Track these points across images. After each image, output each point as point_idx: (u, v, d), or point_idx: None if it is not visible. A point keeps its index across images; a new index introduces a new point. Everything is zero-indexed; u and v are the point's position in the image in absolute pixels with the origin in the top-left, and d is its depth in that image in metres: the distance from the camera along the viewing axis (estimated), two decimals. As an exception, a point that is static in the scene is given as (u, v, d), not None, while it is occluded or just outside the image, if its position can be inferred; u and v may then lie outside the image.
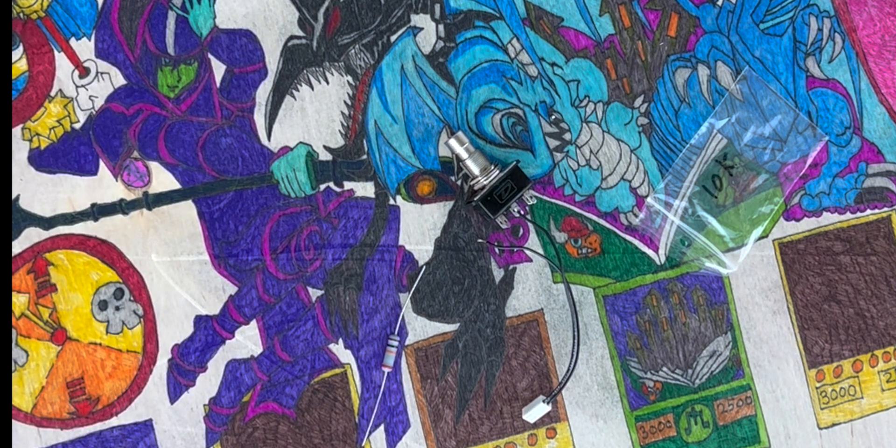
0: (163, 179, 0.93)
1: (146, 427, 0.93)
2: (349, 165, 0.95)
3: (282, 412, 0.94)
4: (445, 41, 0.95)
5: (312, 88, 0.94)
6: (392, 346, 0.94)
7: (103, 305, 0.92)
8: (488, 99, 0.96)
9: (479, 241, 0.96)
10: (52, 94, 0.92)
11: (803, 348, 0.99)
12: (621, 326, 0.97)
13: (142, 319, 0.92)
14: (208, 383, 0.93)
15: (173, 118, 0.93)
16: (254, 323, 0.94)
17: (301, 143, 0.94)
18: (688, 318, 0.98)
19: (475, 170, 0.93)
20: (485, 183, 0.92)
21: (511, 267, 0.96)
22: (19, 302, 0.91)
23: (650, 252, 0.98)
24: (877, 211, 1.01)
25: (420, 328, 0.95)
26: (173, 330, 0.93)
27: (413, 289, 0.95)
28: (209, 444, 0.93)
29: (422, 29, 0.95)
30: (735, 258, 0.98)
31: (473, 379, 0.96)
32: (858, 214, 1.00)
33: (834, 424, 1.00)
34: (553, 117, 0.96)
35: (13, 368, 0.91)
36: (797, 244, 1.00)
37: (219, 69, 0.93)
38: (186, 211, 0.93)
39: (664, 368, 0.98)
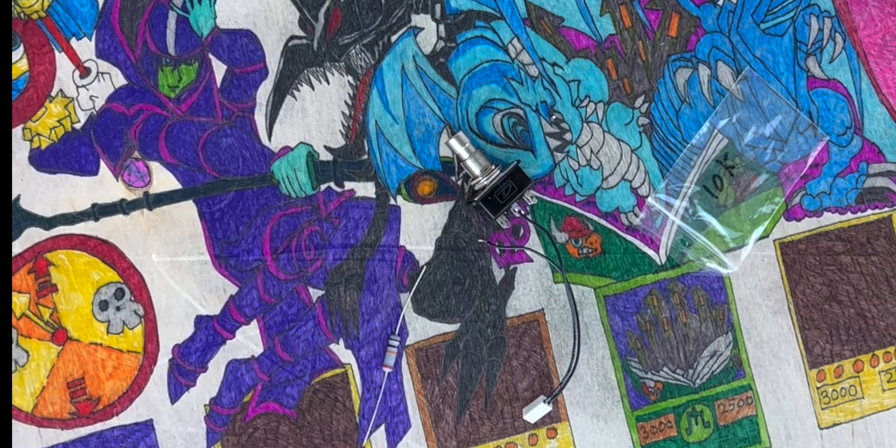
0: (163, 179, 0.93)
1: (147, 427, 0.93)
2: (350, 165, 0.95)
3: (282, 412, 0.94)
4: (446, 41, 0.95)
5: (313, 88, 0.94)
6: (393, 346, 0.94)
7: (104, 305, 0.92)
8: (489, 99, 0.96)
9: (480, 241, 0.96)
10: (53, 94, 0.92)
11: (804, 348, 0.99)
12: (622, 326, 0.97)
13: (142, 319, 0.92)
14: (209, 383, 0.93)
15: (174, 118, 0.93)
16: (254, 323, 0.94)
17: (302, 143, 0.94)
18: (688, 318, 0.98)
19: (476, 170, 0.93)
20: (485, 183, 0.92)
21: (512, 267, 0.96)
22: (20, 302, 0.91)
23: (651, 252, 0.98)
24: (877, 211, 1.01)
25: (421, 328, 0.95)
26: (174, 330, 0.93)
27: (414, 289, 0.95)
28: (210, 444, 0.93)
29: (422, 29, 0.95)
30: (736, 258, 0.98)
31: (474, 379, 0.96)
32: (859, 214, 1.00)
33: (835, 424, 1.00)
34: (554, 117, 0.96)
35: (14, 368, 0.91)
36: (798, 244, 1.00)
37: (219, 69, 0.93)
38: (187, 211, 0.93)
39: (665, 368, 0.98)
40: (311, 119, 0.94)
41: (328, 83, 0.94)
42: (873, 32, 1.00)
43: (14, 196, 0.91)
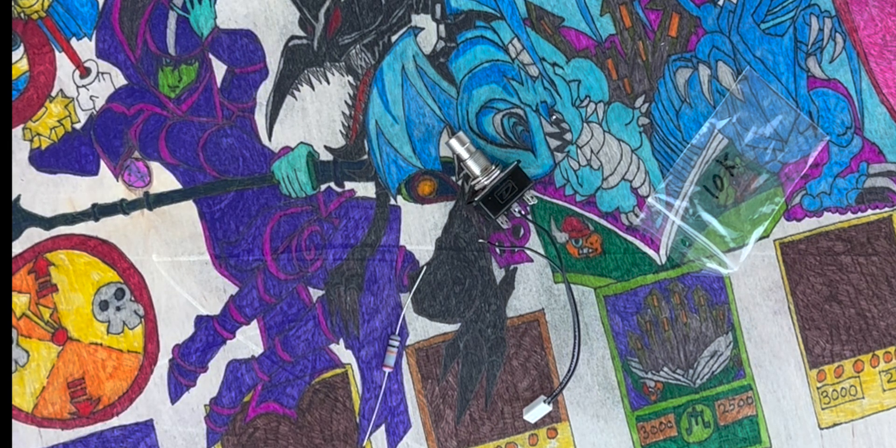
0: (164, 179, 0.93)
1: (147, 427, 0.93)
2: (350, 165, 0.95)
3: (283, 412, 0.94)
4: (446, 41, 0.95)
5: (313, 88, 0.94)
6: (393, 346, 0.94)
7: (104, 305, 0.92)
8: (489, 99, 0.95)
9: (480, 241, 0.96)
10: (53, 94, 0.92)
11: (804, 348, 0.99)
12: (622, 326, 0.97)
13: (142, 320, 0.92)
14: (209, 383, 0.93)
15: (174, 118, 0.93)
16: (255, 323, 0.94)
17: (302, 143, 0.94)
18: (689, 319, 0.98)
19: (476, 170, 0.93)
20: (486, 183, 0.92)
21: (512, 267, 0.96)
22: (20, 302, 0.91)
23: (651, 252, 0.98)
24: (878, 211, 1.01)
25: (421, 328, 0.95)
26: (174, 330, 0.93)
27: (414, 289, 0.95)
28: (210, 444, 0.93)
29: (423, 29, 0.95)
30: (736, 258, 0.98)
31: (474, 379, 0.96)
32: (859, 214, 1.00)
33: (835, 424, 1.00)
34: (554, 117, 0.96)
35: (14, 368, 0.91)
36: (798, 244, 1.00)
37: (220, 69, 0.93)
38: (187, 211, 0.93)
39: (665, 368, 0.98)
40: (311, 119, 0.94)
41: (328, 83, 0.94)
42: (873, 32, 1.00)
43: (14, 196, 0.91)
